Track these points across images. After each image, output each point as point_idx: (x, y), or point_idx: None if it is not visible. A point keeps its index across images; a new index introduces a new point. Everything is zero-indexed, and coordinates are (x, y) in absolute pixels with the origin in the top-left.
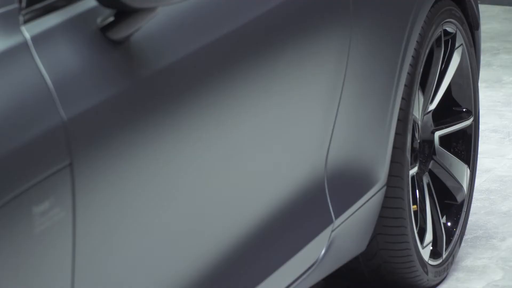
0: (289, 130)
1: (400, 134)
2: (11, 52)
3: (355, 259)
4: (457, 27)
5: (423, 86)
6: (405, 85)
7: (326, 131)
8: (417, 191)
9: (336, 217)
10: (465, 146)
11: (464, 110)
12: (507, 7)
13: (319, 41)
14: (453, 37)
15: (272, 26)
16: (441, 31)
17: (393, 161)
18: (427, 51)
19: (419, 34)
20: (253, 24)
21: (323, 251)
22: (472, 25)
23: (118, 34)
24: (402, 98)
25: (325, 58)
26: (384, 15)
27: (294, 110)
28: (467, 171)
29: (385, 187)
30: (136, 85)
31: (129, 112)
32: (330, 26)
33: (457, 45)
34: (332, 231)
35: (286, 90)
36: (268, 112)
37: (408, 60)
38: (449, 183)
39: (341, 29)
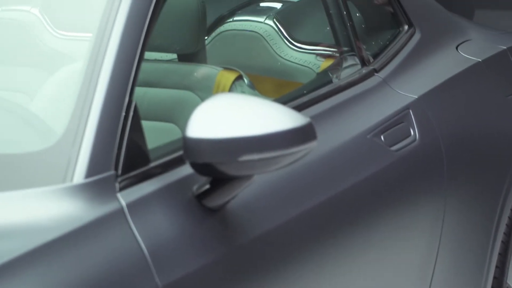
0: None
1: None
2: (107, 219)
3: None
4: None
5: None
6: (499, 253)
7: None
8: None
9: None
10: None
11: None
12: None
13: (414, 208)
14: None
15: (368, 193)
16: None
17: None
18: None
19: None
20: (349, 191)
21: None
22: None
23: (214, 202)
24: (496, 266)
25: (420, 225)
26: (479, 184)
27: (389, 278)
28: None
29: None
30: (232, 253)
31: (224, 279)
32: (425, 194)
33: None
34: None
35: (381, 258)
36: (363, 279)
37: (502, 228)
38: None
39: (436, 197)
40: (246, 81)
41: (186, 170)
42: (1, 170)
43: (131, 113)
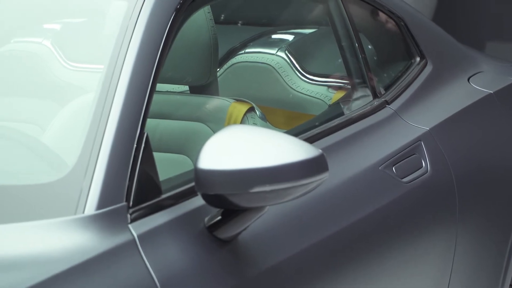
0: None
1: None
2: (119, 250)
3: None
4: None
5: None
6: (510, 285)
7: None
8: None
9: None
10: None
11: None
12: None
13: (425, 239)
14: None
15: (379, 225)
16: None
17: None
18: None
19: None
20: (360, 223)
21: None
22: None
23: (226, 233)
24: None
25: (431, 256)
26: (490, 216)
27: None
28: None
29: None
30: (243, 284)
31: None
32: (437, 225)
33: None
34: None
35: None
36: None
37: None
38: None
39: (447, 229)
40: (258, 113)
41: (197, 201)
42: (13, 201)
43: (143, 145)
